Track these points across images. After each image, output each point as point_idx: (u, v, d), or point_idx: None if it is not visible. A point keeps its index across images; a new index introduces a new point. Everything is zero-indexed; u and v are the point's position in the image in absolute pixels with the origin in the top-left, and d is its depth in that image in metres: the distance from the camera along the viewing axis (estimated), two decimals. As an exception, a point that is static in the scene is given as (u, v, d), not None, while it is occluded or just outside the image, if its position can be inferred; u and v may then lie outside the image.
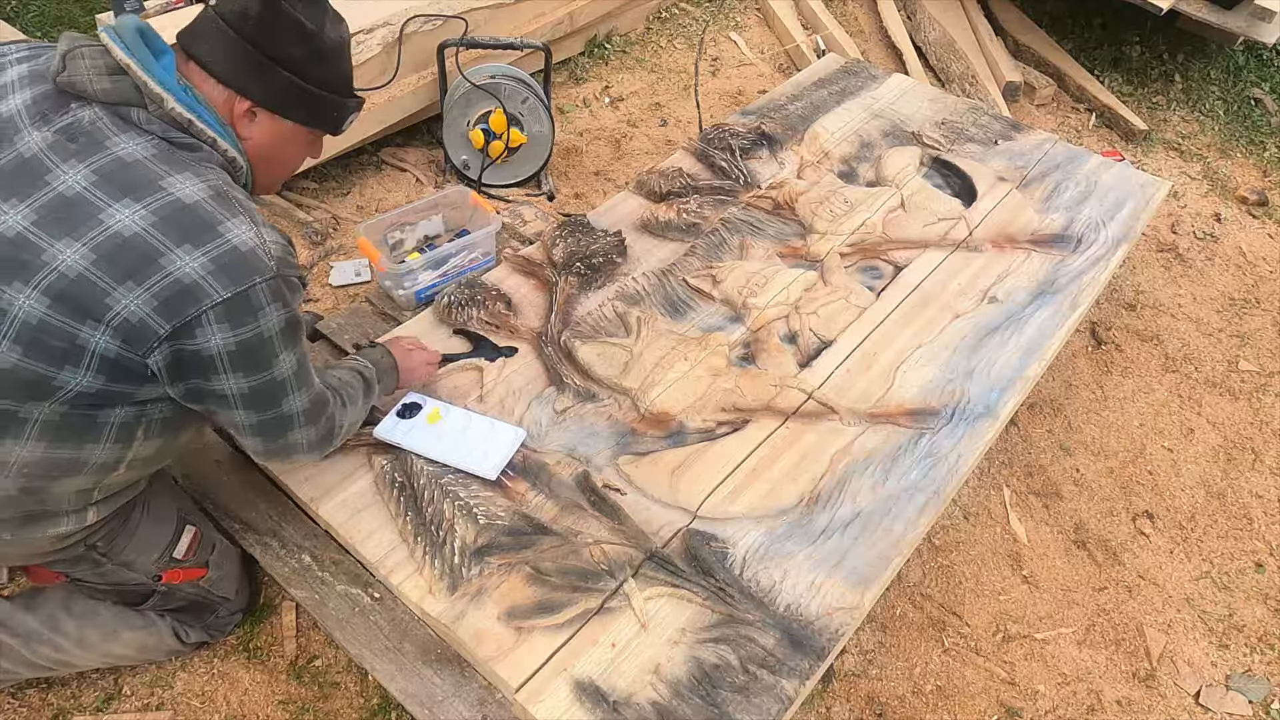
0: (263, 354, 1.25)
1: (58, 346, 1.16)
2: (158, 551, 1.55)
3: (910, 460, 1.87)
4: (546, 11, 3.24)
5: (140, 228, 1.14)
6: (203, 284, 1.15)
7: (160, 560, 1.56)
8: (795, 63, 3.83)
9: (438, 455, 1.74)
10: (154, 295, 1.14)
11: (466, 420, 1.81)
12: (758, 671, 1.50)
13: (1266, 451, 2.54)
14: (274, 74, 1.29)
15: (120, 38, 1.22)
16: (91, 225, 1.14)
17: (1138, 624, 2.10)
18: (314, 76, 1.33)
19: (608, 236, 2.28)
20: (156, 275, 1.14)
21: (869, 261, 2.35)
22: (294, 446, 1.43)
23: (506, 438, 1.79)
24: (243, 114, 1.31)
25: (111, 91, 1.20)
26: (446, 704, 1.57)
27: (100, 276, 1.13)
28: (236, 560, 1.75)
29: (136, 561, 1.53)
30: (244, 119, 1.32)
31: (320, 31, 1.31)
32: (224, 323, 1.18)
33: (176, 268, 1.14)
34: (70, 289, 1.13)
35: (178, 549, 1.57)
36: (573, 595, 1.57)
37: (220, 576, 1.69)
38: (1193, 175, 3.55)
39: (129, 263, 1.14)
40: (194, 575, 1.63)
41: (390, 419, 1.78)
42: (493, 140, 2.78)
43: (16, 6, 3.49)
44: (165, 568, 1.57)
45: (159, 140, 1.22)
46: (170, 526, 1.57)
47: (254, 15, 1.25)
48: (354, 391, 1.58)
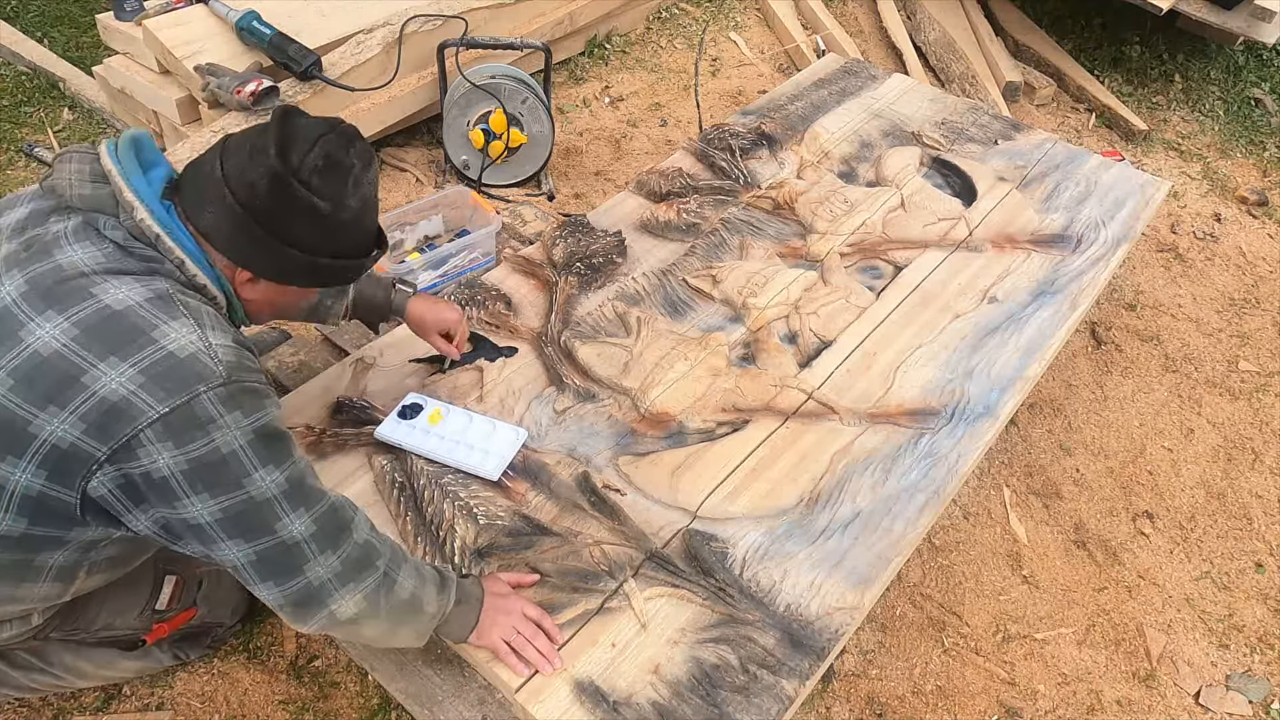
0: (228, 472, 1.07)
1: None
2: (137, 610, 1.46)
3: (910, 460, 1.87)
4: (546, 11, 3.24)
5: (61, 343, 1.02)
6: (133, 399, 1.02)
7: (143, 616, 1.47)
8: (795, 63, 3.83)
9: (439, 456, 1.74)
10: (80, 418, 1.02)
11: (467, 421, 1.81)
12: (758, 671, 1.50)
13: (1266, 451, 2.54)
14: (283, 253, 1.18)
15: (114, 145, 1.15)
16: (11, 344, 1.03)
17: (1138, 624, 2.10)
18: (327, 251, 1.22)
19: (608, 236, 2.28)
20: (80, 395, 1.02)
21: (869, 261, 2.35)
22: (322, 587, 1.16)
23: (508, 438, 1.79)
24: (245, 281, 1.22)
25: (89, 198, 1.12)
26: (446, 704, 1.57)
27: (19, 404, 1.01)
28: (226, 583, 1.67)
29: (116, 623, 1.44)
30: (245, 284, 1.22)
31: (336, 208, 1.17)
32: (166, 441, 1.03)
33: (101, 385, 1.02)
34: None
35: (159, 601, 1.48)
36: (573, 596, 1.57)
37: (212, 608, 1.62)
38: (1193, 175, 3.55)
39: (48, 384, 1.02)
40: (182, 620, 1.54)
41: (392, 420, 1.78)
42: (493, 140, 2.79)
43: (16, 6, 3.49)
44: (150, 621, 1.48)
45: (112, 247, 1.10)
46: (147, 583, 1.46)
47: (262, 194, 1.13)
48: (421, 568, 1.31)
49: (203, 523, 1.08)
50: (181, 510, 1.07)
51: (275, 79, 2.57)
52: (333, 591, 1.17)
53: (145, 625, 1.48)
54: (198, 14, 2.66)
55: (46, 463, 1.03)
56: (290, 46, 2.56)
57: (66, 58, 3.21)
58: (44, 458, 1.03)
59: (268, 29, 2.57)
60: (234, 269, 1.20)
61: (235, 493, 1.08)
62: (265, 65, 2.62)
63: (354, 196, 1.20)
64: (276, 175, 1.12)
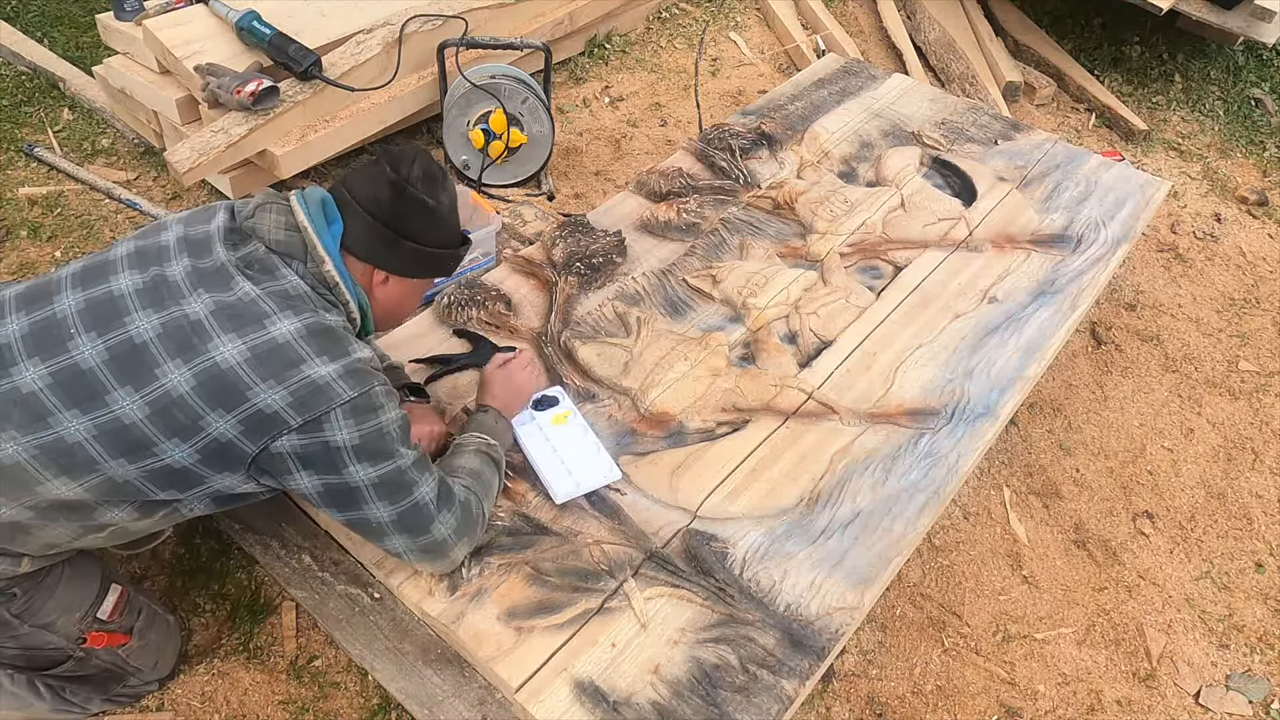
0: (385, 446, 1.39)
1: (181, 421, 1.30)
2: (81, 610, 1.50)
3: (910, 460, 1.87)
4: (546, 11, 3.24)
5: (292, 337, 1.35)
6: (334, 384, 1.34)
7: (84, 620, 1.51)
8: (795, 63, 3.83)
9: (531, 454, 1.76)
10: (290, 393, 1.32)
11: (580, 436, 1.81)
12: (758, 671, 1.50)
13: (1266, 451, 2.54)
14: (403, 247, 1.51)
15: (305, 203, 1.47)
16: (255, 329, 1.34)
17: (1138, 624, 2.10)
18: (433, 240, 1.54)
19: (608, 236, 2.28)
20: (296, 377, 1.33)
21: (869, 261, 2.35)
22: (443, 541, 1.50)
23: (599, 471, 1.76)
24: (380, 282, 1.54)
25: (283, 243, 1.43)
26: (446, 704, 1.57)
27: (248, 374, 1.31)
28: (165, 631, 1.69)
29: (58, 622, 1.48)
30: (380, 285, 1.55)
31: (438, 205, 1.51)
32: (349, 419, 1.35)
33: (313, 372, 1.34)
34: (218, 379, 1.30)
35: (102, 608, 1.53)
36: (573, 595, 1.57)
37: (143, 646, 1.63)
38: (1193, 175, 3.55)
39: (277, 365, 1.32)
40: (117, 641, 1.58)
41: None
42: (493, 140, 2.78)
43: (16, 6, 3.49)
44: (89, 628, 1.52)
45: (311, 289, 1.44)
46: (94, 584, 1.53)
47: (386, 201, 1.47)
48: (487, 478, 1.62)
49: (361, 484, 1.39)
50: (346, 475, 1.38)
51: (275, 79, 2.56)
52: (452, 545, 1.52)
53: (82, 631, 1.51)
54: (198, 14, 2.66)
55: (248, 421, 1.32)
56: (290, 46, 2.56)
57: (66, 58, 3.21)
58: (248, 417, 1.31)
59: (268, 29, 2.57)
60: (370, 274, 1.53)
61: (388, 462, 1.40)
62: (265, 65, 2.62)
63: (446, 195, 1.54)
64: (394, 184, 1.46)
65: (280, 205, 1.47)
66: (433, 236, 1.54)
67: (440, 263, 1.60)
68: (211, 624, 1.86)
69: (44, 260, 2.55)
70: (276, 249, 1.43)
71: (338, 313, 1.46)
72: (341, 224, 1.49)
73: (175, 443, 1.31)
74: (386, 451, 1.40)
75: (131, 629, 1.60)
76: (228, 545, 1.93)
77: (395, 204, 1.48)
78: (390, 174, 1.46)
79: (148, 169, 2.87)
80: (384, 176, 1.47)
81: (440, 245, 1.57)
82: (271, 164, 2.60)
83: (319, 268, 1.45)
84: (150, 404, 1.29)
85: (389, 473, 1.40)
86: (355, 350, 1.41)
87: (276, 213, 1.46)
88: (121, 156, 2.91)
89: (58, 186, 2.77)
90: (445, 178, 1.55)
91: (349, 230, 1.48)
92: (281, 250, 1.43)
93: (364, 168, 1.51)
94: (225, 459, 1.34)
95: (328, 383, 1.34)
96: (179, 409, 1.30)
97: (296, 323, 1.36)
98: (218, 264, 1.39)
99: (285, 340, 1.34)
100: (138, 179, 2.84)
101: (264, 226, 1.44)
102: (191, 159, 2.43)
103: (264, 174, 2.70)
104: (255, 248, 1.43)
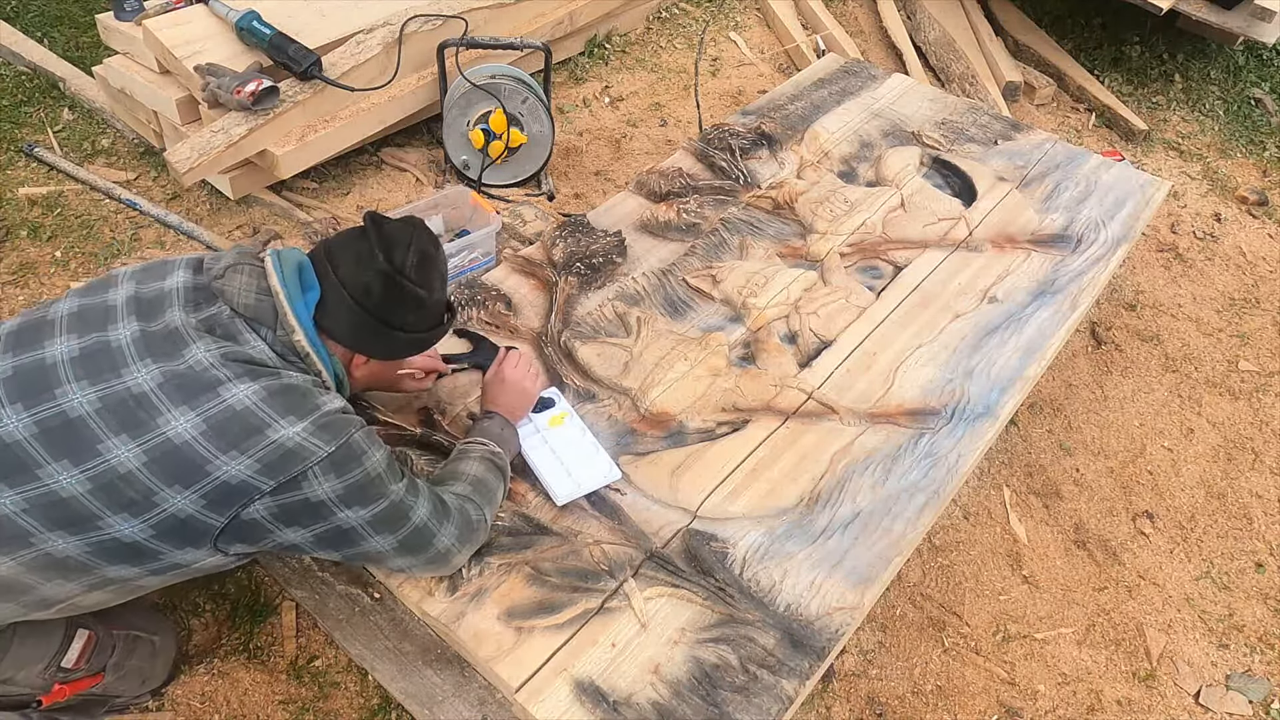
0: (374, 489, 1.35)
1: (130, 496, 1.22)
2: (42, 663, 1.41)
3: (910, 460, 1.87)
4: (546, 11, 3.24)
5: (250, 402, 1.26)
6: (306, 444, 1.27)
7: (47, 672, 1.41)
8: (795, 63, 3.83)
9: (530, 456, 1.75)
10: (257, 460, 1.25)
11: (579, 436, 1.81)
12: (758, 671, 1.50)
13: (1266, 451, 2.54)
14: (391, 337, 1.46)
15: (280, 267, 1.38)
16: (209, 397, 1.25)
17: (1138, 624, 2.10)
18: (424, 327, 1.50)
19: (608, 236, 2.28)
20: (261, 443, 1.25)
21: (869, 261, 2.35)
22: (446, 551, 1.48)
23: (598, 471, 1.75)
24: (361, 363, 1.50)
25: (252, 308, 1.35)
26: (446, 704, 1.57)
27: (206, 447, 1.23)
28: (149, 652, 1.62)
29: (17, 677, 1.39)
30: (360, 365, 1.50)
31: (430, 293, 1.46)
32: (330, 473, 1.29)
33: (280, 435, 1.26)
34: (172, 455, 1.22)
35: (66, 657, 1.43)
36: (573, 595, 1.57)
37: (121, 676, 1.56)
38: (1193, 175, 3.55)
39: (236, 433, 1.24)
40: (84, 686, 1.49)
41: None
42: (493, 140, 2.78)
43: (16, 6, 3.49)
44: (52, 680, 1.43)
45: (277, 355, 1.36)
46: (57, 633, 1.42)
47: (376, 294, 1.40)
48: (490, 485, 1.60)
49: (356, 525, 1.35)
50: (337, 520, 1.33)
51: (275, 79, 2.57)
52: (455, 553, 1.50)
53: (46, 684, 1.43)
54: (198, 14, 2.66)
55: (210, 495, 1.24)
56: (290, 46, 2.56)
57: (66, 58, 3.21)
58: (209, 491, 1.24)
59: (268, 29, 2.57)
60: (350, 355, 1.47)
61: (380, 501, 1.36)
62: (265, 65, 2.62)
63: (438, 278, 1.49)
64: (387, 276, 1.39)
65: (253, 268, 1.38)
66: (424, 324, 1.49)
67: (425, 344, 1.55)
68: (211, 624, 1.86)
69: (44, 260, 2.55)
70: (244, 313, 1.34)
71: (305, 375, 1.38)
72: (319, 291, 1.40)
73: (124, 517, 1.22)
74: (376, 493, 1.35)
75: (104, 667, 1.52)
76: (228, 545, 1.93)
77: (387, 297, 1.40)
78: (383, 264, 1.38)
79: (148, 169, 2.87)
80: (375, 265, 1.38)
81: (430, 328, 1.52)
82: (271, 164, 2.60)
83: (289, 336, 1.36)
84: (92, 479, 1.21)
85: (383, 509, 1.36)
86: (325, 403, 1.33)
87: (248, 275, 1.37)
88: (121, 156, 2.91)
89: (58, 186, 2.77)
90: (437, 252, 1.48)
91: (330, 312, 1.40)
92: (249, 315, 1.34)
93: (352, 243, 1.42)
94: (184, 534, 1.26)
95: (299, 443, 1.27)
96: (128, 485, 1.21)
97: (254, 386, 1.27)
98: (170, 328, 1.30)
99: (244, 407, 1.25)
100: (138, 179, 2.84)
101: (233, 289, 1.35)
102: (191, 159, 2.43)
103: (264, 174, 2.70)
104: (219, 310, 1.34)
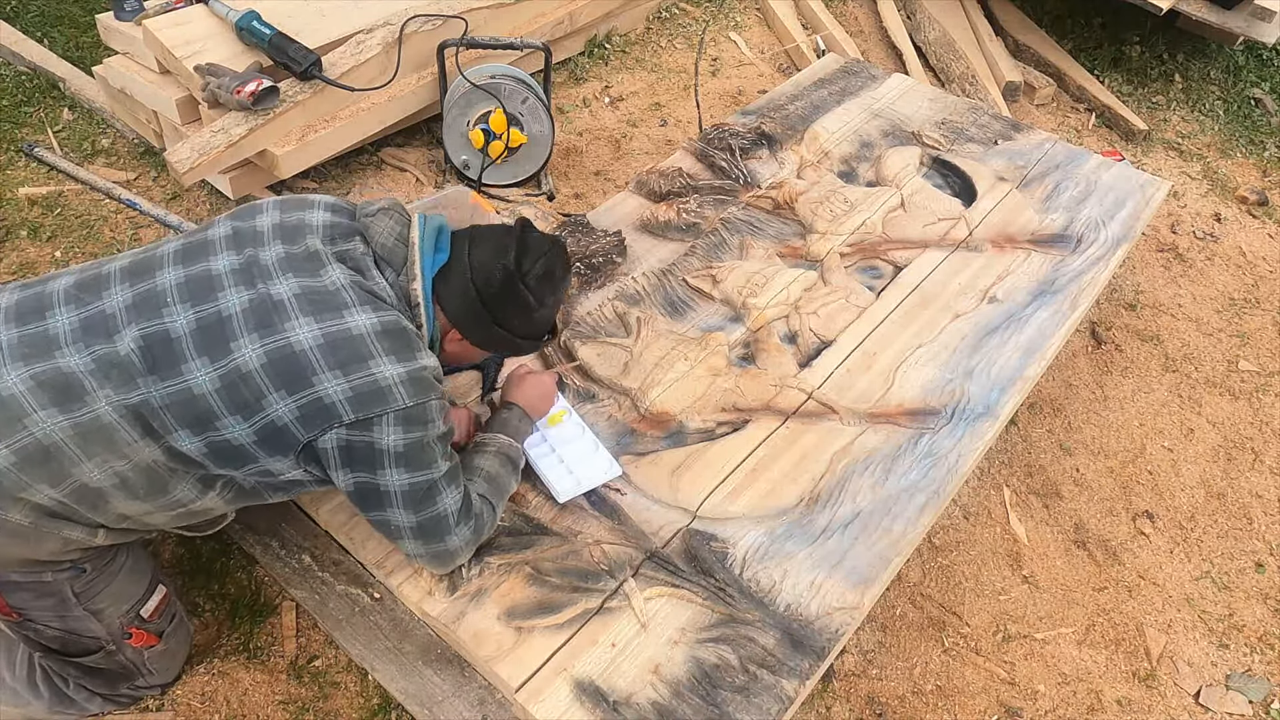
0: (424, 457, 1.41)
1: (245, 397, 1.33)
2: (129, 604, 1.54)
3: (910, 460, 1.87)
4: (546, 11, 3.24)
5: (366, 330, 1.36)
6: (395, 389, 1.36)
7: (129, 615, 1.54)
8: (795, 63, 3.83)
9: (531, 454, 1.76)
10: (352, 387, 1.33)
11: (578, 434, 1.81)
12: (758, 671, 1.50)
13: (1266, 451, 2.54)
14: (491, 329, 1.54)
15: (424, 224, 1.51)
16: (333, 316, 1.36)
17: (1138, 624, 2.10)
18: (522, 333, 1.58)
19: (608, 236, 2.28)
20: (361, 372, 1.34)
21: (869, 261, 2.35)
22: (454, 551, 1.53)
23: (599, 468, 1.76)
24: (455, 339, 1.57)
25: (388, 249, 1.47)
26: (446, 704, 1.57)
27: (318, 359, 1.33)
28: (184, 638, 1.71)
29: (107, 611, 1.51)
30: (453, 340, 1.57)
31: (541, 306, 1.55)
32: (399, 425, 1.37)
33: (379, 371, 1.35)
34: (288, 360, 1.33)
35: (146, 606, 1.57)
36: (573, 595, 1.57)
37: (165, 651, 1.65)
38: (1193, 175, 3.55)
39: (345, 355, 1.34)
40: (150, 642, 1.61)
41: None
42: (493, 140, 2.78)
43: (16, 6, 3.49)
44: (131, 623, 1.56)
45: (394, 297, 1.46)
46: (145, 581, 1.57)
47: (496, 286, 1.51)
48: (503, 481, 1.64)
49: (392, 489, 1.41)
50: (380, 477, 1.40)
51: (275, 79, 2.56)
52: (462, 553, 1.55)
53: (124, 625, 1.54)
54: (198, 14, 2.66)
55: (306, 408, 1.33)
56: (290, 46, 2.56)
57: (66, 58, 3.21)
58: (307, 404, 1.33)
59: (268, 29, 2.57)
60: (449, 328, 1.55)
61: (423, 473, 1.42)
62: (265, 65, 2.62)
63: (553, 296, 1.59)
64: (509, 275, 1.51)
65: (400, 215, 1.52)
66: (523, 330, 1.57)
67: (517, 349, 1.65)
68: (211, 624, 1.86)
69: (44, 260, 2.55)
70: (379, 251, 1.46)
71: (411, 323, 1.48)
72: (448, 256, 1.52)
73: (237, 419, 1.33)
74: (425, 461, 1.42)
75: (163, 632, 1.63)
76: (228, 545, 1.93)
77: (502, 292, 1.51)
78: (511, 264, 1.51)
79: (148, 169, 2.87)
80: (505, 260, 1.51)
81: (526, 337, 1.60)
82: (271, 164, 2.60)
83: (408, 283, 1.47)
84: (222, 377, 1.32)
85: (421, 482, 1.42)
86: (423, 358, 1.42)
87: (394, 220, 1.50)
88: (121, 156, 2.91)
89: (58, 186, 2.77)
90: (565, 276, 1.59)
91: (450, 282, 1.51)
92: (383, 255, 1.47)
93: (496, 235, 1.55)
94: (278, 443, 1.36)
95: (390, 385, 1.35)
96: (245, 384, 1.32)
97: (374, 318, 1.38)
98: (311, 250, 1.42)
99: (359, 333, 1.35)
100: (138, 179, 2.84)
101: (378, 228, 1.48)
102: (191, 159, 2.43)
103: (264, 174, 2.70)
104: (354, 246, 1.45)
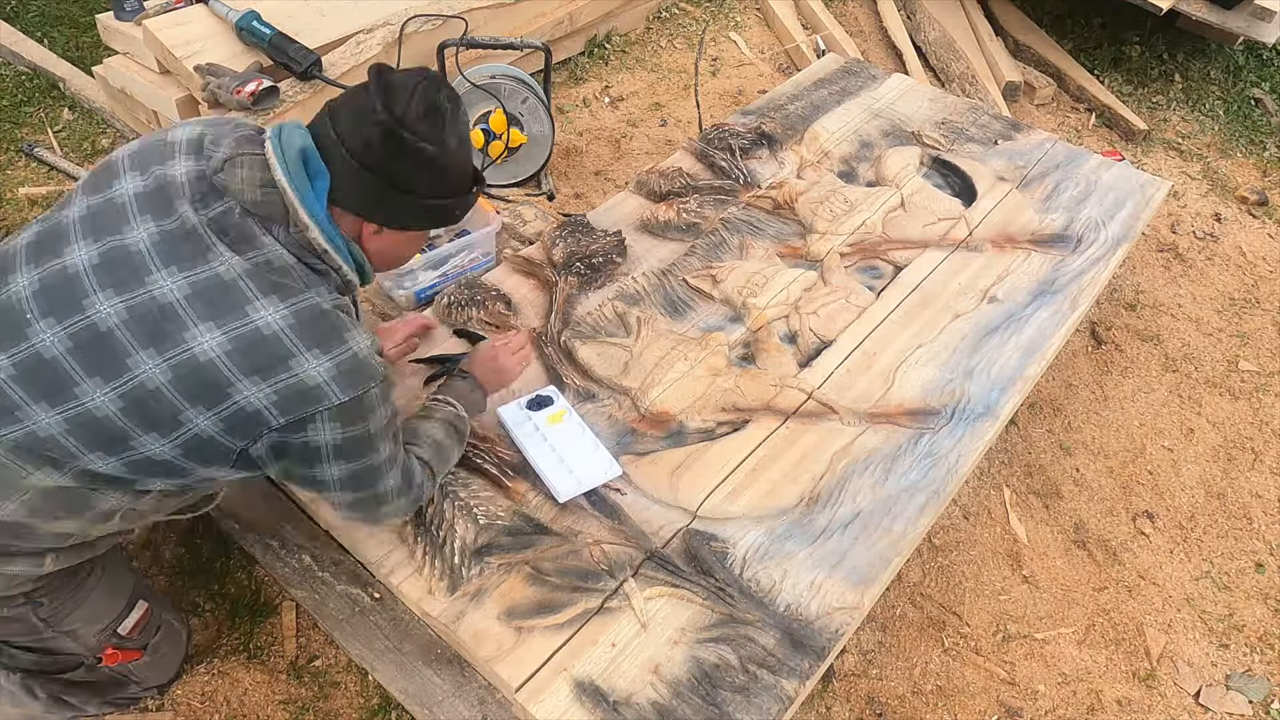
0: (366, 446, 1.33)
1: (158, 415, 1.20)
2: (105, 622, 1.48)
3: (910, 460, 1.87)
4: (546, 11, 3.24)
5: (278, 327, 1.21)
6: (325, 387, 1.23)
7: (105, 633, 1.48)
8: (795, 63, 3.83)
9: (531, 454, 1.76)
10: (276, 392, 1.20)
11: (578, 434, 1.81)
12: (758, 671, 1.50)
13: (1266, 451, 2.54)
14: (399, 200, 1.32)
15: (283, 155, 1.26)
16: (235, 317, 1.20)
17: (1138, 624, 2.10)
18: (436, 192, 1.35)
19: (608, 236, 2.28)
20: (285, 374, 1.21)
21: (869, 261, 2.35)
22: (381, 519, 1.50)
23: (599, 468, 1.76)
24: (371, 233, 1.37)
25: (260, 204, 1.25)
26: (446, 704, 1.57)
27: (231, 368, 1.19)
28: (176, 642, 1.67)
29: (80, 631, 1.45)
30: (371, 236, 1.37)
31: (441, 150, 1.30)
32: (335, 422, 1.26)
33: (304, 370, 1.21)
34: (197, 373, 1.19)
35: (124, 624, 1.50)
36: (573, 595, 1.57)
37: (153, 661, 1.61)
38: (1193, 175, 3.55)
39: (262, 359, 1.20)
40: (131, 657, 1.56)
41: (516, 404, 1.83)
42: (493, 140, 2.78)
43: (16, 6, 3.49)
44: (107, 642, 1.50)
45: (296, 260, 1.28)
46: (123, 598, 1.51)
47: (376, 148, 1.26)
48: (447, 450, 1.60)
49: (329, 479, 1.34)
50: (317, 470, 1.31)
51: (275, 79, 2.56)
52: (395, 517, 1.50)
53: (100, 644, 1.49)
54: (198, 14, 2.66)
55: (229, 420, 1.21)
56: (290, 46, 2.56)
57: (66, 58, 3.21)
58: (229, 415, 1.21)
59: (268, 29, 2.57)
60: (360, 225, 1.34)
61: (363, 460, 1.34)
62: (265, 65, 2.62)
63: (453, 136, 1.31)
64: (386, 128, 1.24)
65: (253, 159, 1.26)
66: (435, 188, 1.34)
67: (445, 213, 1.40)
68: (211, 624, 1.86)
69: (44, 260, 2.55)
70: (254, 210, 1.24)
71: (329, 284, 1.31)
72: (327, 177, 1.28)
73: (154, 437, 1.21)
74: (365, 451, 1.33)
75: (147, 645, 1.59)
76: (228, 545, 1.93)
77: (389, 152, 1.26)
78: (382, 114, 1.23)
79: (148, 169, 2.87)
80: (374, 117, 1.24)
81: (445, 195, 1.36)
82: (271, 164, 2.60)
83: (303, 234, 1.27)
84: (123, 397, 1.18)
85: (361, 468, 1.35)
86: (352, 340, 1.26)
87: (249, 168, 1.25)
88: (121, 156, 2.91)
89: (58, 186, 2.77)
90: (454, 109, 1.32)
91: (336, 180, 1.28)
92: (259, 213, 1.25)
93: (354, 97, 1.28)
94: (208, 454, 1.25)
95: (319, 383, 1.22)
96: (155, 401, 1.19)
97: (283, 309, 1.21)
98: (187, 228, 1.21)
99: (271, 332, 1.20)
100: (138, 179, 2.84)
101: (236, 184, 1.24)
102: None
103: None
104: (229, 207, 1.24)
